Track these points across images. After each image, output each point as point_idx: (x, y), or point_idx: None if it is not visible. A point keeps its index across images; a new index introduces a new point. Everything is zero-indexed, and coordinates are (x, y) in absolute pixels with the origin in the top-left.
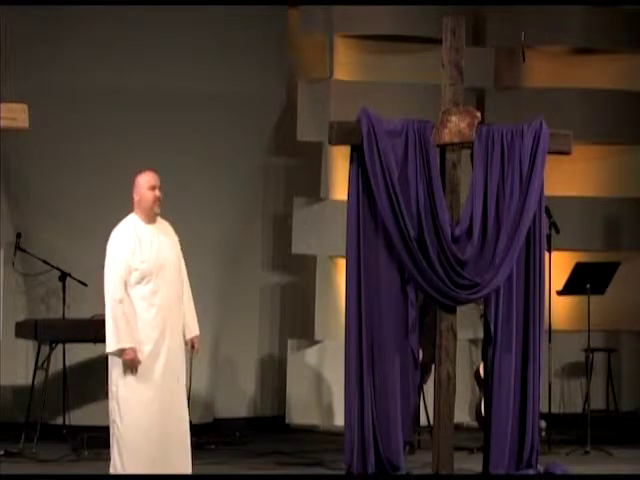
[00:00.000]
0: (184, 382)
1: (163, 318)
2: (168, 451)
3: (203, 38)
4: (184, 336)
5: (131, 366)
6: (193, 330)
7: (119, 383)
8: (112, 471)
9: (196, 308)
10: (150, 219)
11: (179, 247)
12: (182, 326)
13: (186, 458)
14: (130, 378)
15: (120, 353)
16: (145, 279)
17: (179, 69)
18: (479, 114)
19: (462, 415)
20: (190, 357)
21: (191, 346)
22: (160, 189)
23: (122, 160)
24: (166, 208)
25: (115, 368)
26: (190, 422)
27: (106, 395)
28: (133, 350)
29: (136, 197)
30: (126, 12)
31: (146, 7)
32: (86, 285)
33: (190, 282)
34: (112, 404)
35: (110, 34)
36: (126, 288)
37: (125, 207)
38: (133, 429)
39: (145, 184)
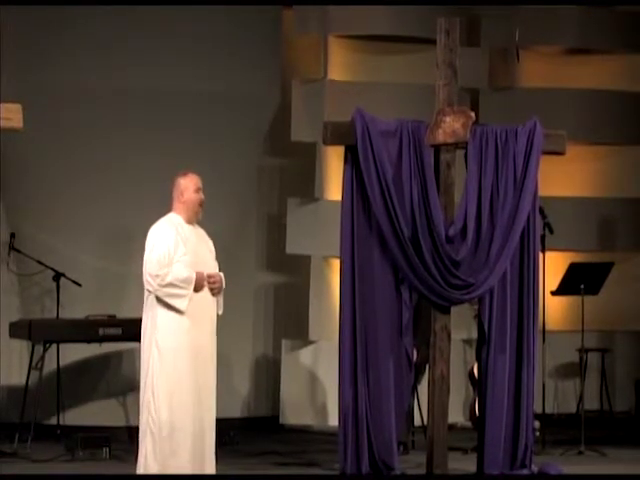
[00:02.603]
0: (214, 382)
1: (199, 313)
2: (201, 446)
3: (198, 38)
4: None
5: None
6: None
7: (154, 380)
8: (142, 462)
9: None
10: (191, 220)
11: (214, 253)
12: (215, 326)
13: (212, 453)
14: (164, 373)
15: (196, 291)
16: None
17: (175, 70)
18: (473, 114)
19: (456, 415)
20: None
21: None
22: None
23: (118, 160)
24: (161, 208)
25: (149, 364)
26: None
27: (101, 395)
28: (196, 275)
29: (181, 198)
30: (126, 12)
31: (146, 7)
32: (80, 285)
33: None
34: (146, 397)
35: (110, 34)
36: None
37: (121, 207)
38: (169, 422)
39: (192, 187)
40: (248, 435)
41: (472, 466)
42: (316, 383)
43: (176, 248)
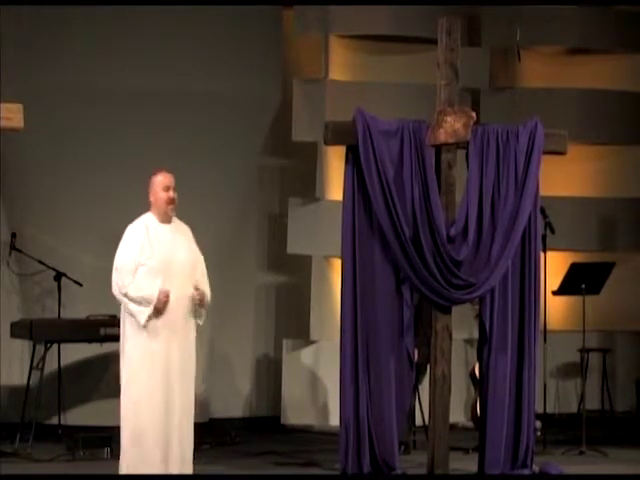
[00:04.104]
0: (192, 383)
1: (169, 317)
2: (174, 450)
3: (199, 38)
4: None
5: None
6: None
7: (125, 382)
8: (124, 462)
9: None
10: (165, 219)
11: (195, 250)
12: (191, 326)
13: (187, 459)
14: (138, 376)
15: (156, 313)
16: (151, 275)
17: (176, 70)
18: (474, 114)
19: (457, 415)
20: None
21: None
22: (174, 189)
23: (118, 160)
24: None
25: (123, 367)
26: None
27: (102, 395)
28: (159, 293)
29: (151, 198)
30: (126, 12)
31: (146, 7)
32: (81, 285)
33: None
34: (123, 402)
35: (110, 34)
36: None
37: (121, 207)
38: (134, 428)
39: (159, 185)
40: (249, 435)
41: (473, 466)
42: (317, 383)
43: (142, 251)
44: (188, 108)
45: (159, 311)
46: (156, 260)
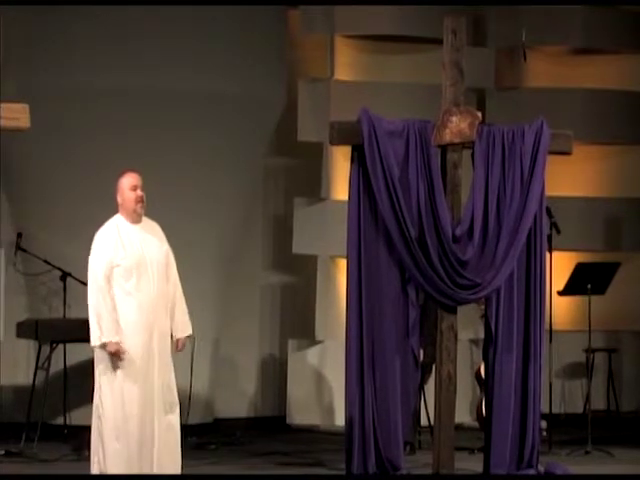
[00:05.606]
0: (173, 381)
1: (146, 315)
2: (153, 451)
3: (203, 38)
4: (172, 335)
5: (117, 358)
6: (183, 330)
7: (102, 381)
8: (94, 467)
9: (197, 308)
10: (134, 219)
11: (167, 247)
12: (169, 324)
13: (174, 459)
14: (112, 377)
15: (104, 347)
16: (126, 276)
17: (179, 69)
18: (480, 114)
19: (463, 415)
20: (191, 355)
21: (176, 346)
22: (142, 189)
23: (122, 160)
24: (166, 208)
25: (99, 365)
26: (182, 423)
27: None
28: (116, 343)
29: (119, 199)
30: (126, 12)
31: (146, 7)
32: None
33: (190, 282)
34: (96, 401)
35: (110, 34)
36: (108, 285)
37: None
38: (115, 427)
39: (127, 185)
40: (254, 435)
41: (479, 466)
42: (322, 383)
43: (115, 254)
44: (192, 108)
45: (110, 354)
46: (129, 260)
